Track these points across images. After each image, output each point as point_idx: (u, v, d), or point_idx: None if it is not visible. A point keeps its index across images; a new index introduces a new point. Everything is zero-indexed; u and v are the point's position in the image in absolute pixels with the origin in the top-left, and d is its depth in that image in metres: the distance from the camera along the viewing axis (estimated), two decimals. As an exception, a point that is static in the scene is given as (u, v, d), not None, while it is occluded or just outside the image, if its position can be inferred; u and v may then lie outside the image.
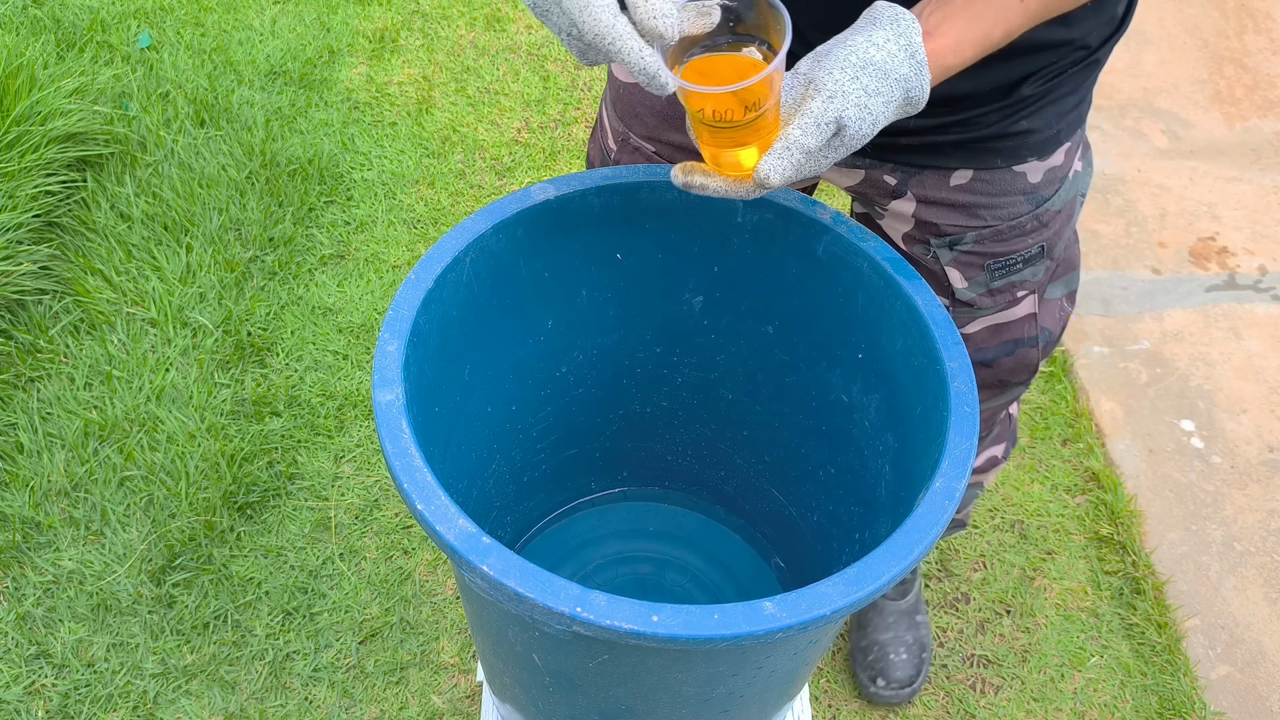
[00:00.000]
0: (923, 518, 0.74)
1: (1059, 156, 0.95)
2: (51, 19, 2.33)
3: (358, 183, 2.10)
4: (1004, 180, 0.94)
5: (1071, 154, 0.97)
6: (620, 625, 0.66)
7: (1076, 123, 0.96)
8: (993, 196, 0.94)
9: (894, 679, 1.43)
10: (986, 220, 0.95)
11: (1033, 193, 0.95)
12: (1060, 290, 1.06)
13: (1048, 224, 0.98)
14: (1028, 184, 0.94)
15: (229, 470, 1.62)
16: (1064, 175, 0.97)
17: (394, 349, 0.82)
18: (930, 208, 0.96)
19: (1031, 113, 0.90)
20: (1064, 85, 0.90)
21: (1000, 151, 0.92)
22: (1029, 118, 0.91)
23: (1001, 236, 0.96)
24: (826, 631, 0.91)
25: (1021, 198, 0.95)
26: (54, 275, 1.87)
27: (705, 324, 1.12)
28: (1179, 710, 1.46)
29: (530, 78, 2.34)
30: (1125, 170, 2.20)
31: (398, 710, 1.44)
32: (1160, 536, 1.64)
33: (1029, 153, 0.93)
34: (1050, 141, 0.94)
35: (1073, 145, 0.97)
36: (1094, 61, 0.91)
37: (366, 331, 1.85)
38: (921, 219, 0.97)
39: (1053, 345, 1.08)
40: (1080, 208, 1.03)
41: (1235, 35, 2.52)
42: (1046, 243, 0.99)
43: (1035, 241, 0.98)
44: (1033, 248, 0.98)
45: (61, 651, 1.47)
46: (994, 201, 0.95)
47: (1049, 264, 1.01)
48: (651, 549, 1.38)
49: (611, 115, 1.09)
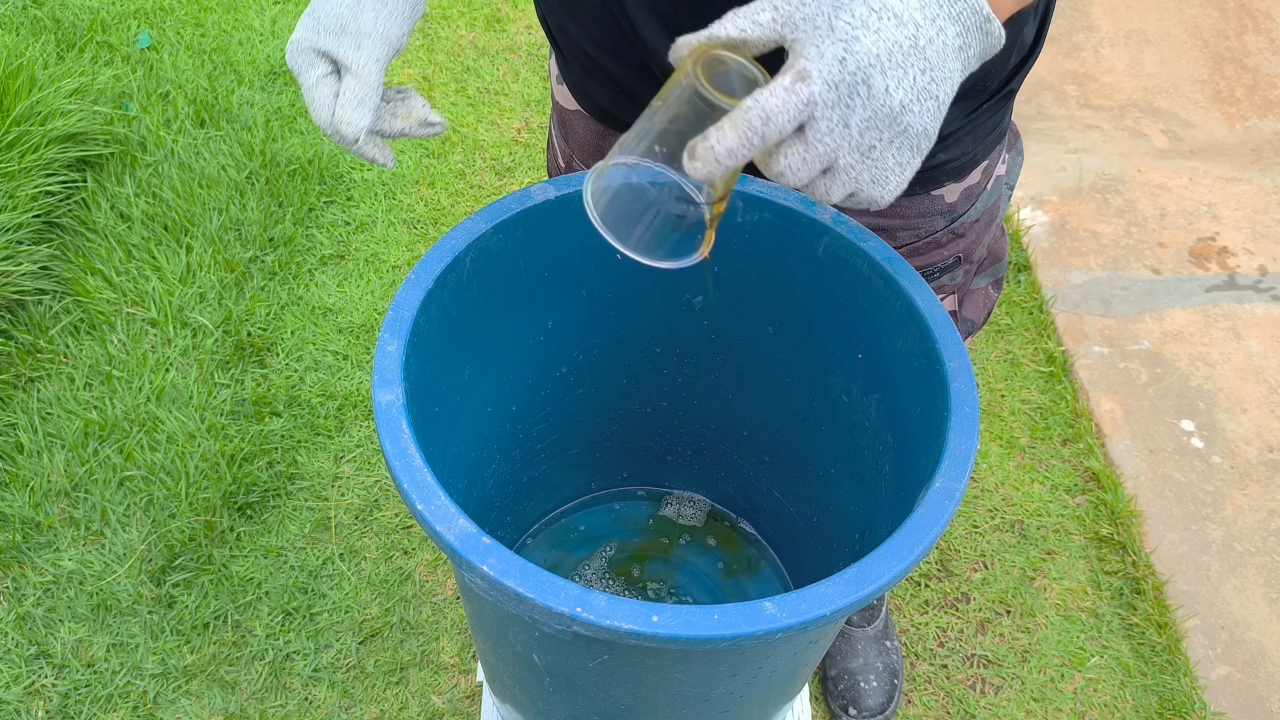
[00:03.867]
0: (923, 518, 0.74)
1: (976, 175, 0.96)
2: (51, 19, 2.33)
3: (358, 183, 2.10)
4: (920, 204, 0.95)
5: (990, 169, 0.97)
6: (620, 625, 0.66)
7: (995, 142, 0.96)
8: (909, 219, 0.95)
9: (865, 707, 1.41)
10: (902, 240, 0.97)
11: (949, 211, 0.96)
12: (986, 280, 1.07)
13: (964, 234, 0.99)
14: (944, 204, 0.95)
15: (229, 470, 1.62)
16: (982, 190, 0.98)
17: (394, 349, 0.82)
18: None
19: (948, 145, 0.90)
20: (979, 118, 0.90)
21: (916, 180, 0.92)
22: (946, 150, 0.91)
23: (918, 252, 0.98)
24: (826, 632, 0.91)
25: (938, 217, 0.96)
26: (54, 275, 1.87)
27: (705, 324, 1.12)
28: (1179, 710, 1.46)
29: (530, 78, 2.34)
30: (1125, 170, 2.20)
31: (398, 710, 1.44)
32: (1160, 536, 1.64)
33: (946, 178, 0.93)
34: (967, 165, 0.94)
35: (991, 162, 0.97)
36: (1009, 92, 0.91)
37: (366, 331, 1.85)
38: None
39: (978, 328, 1.11)
40: (1007, 201, 1.04)
41: (1235, 35, 2.52)
42: (963, 251, 1.00)
43: (951, 253, 0.99)
44: (949, 259, 1.00)
45: (61, 651, 1.47)
46: (910, 223, 0.95)
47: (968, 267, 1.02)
48: (651, 548, 1.38)
49: (558, 136, 1.09)
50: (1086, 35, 2.51)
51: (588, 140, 1.03)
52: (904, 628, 1.53)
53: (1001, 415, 1.78)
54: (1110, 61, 2.45)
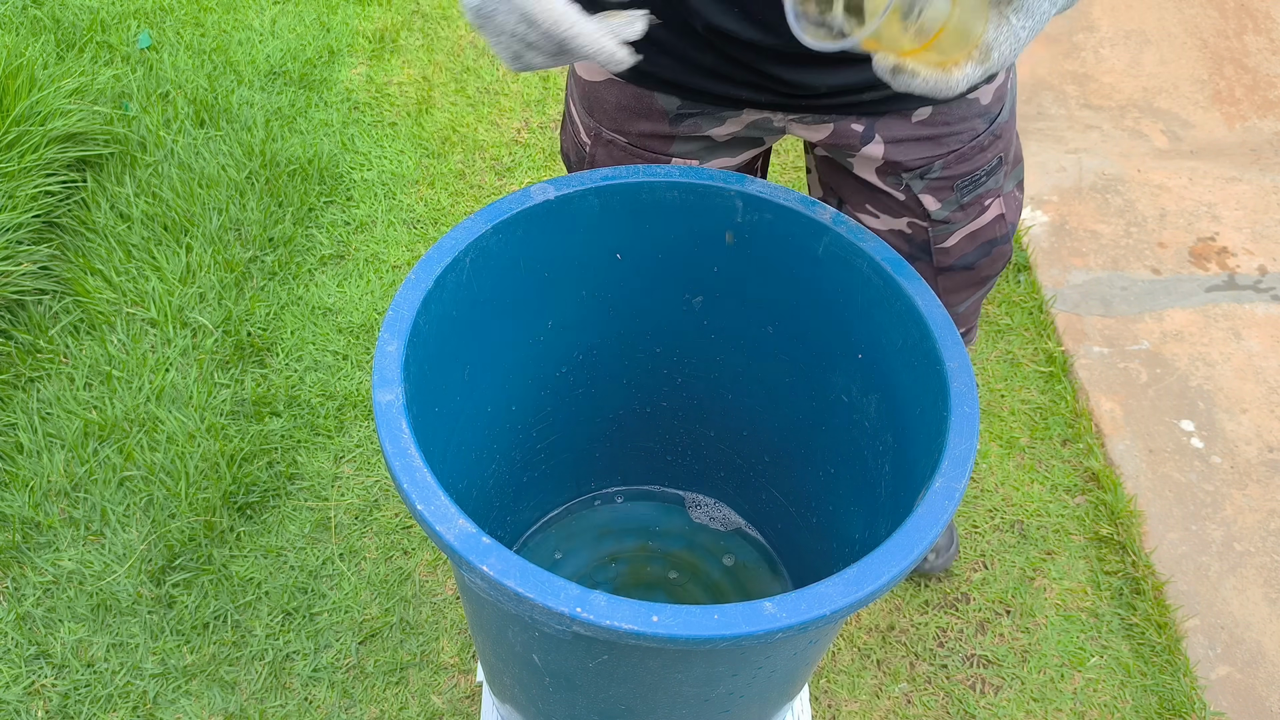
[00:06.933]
0: (923, 518, 0.74)
1: (1002, 75, 1.01)
2: (51, 19, 2.33)
3: (358, 183, 2.10)
4: (961, 108, 0.99)
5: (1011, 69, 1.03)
6: (620, 625, 0.67)
7: None
8: (952, 125, 1.00)
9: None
10: (950, 146, 1.01)
11: (985, 113, 1.01)
12: (1012, 184, 1.11)
13: (1001, 135, 1.04)
14: (981, 107, 1.01)
15: (229, 470, 1.62)
16: (1007, 89, 1.03)
17: (394, 349, 0.82)
18: (897, 146, 1.01)
19: None
20: None
21: None
22: None
23: (965, 158, 1.02)
24: (826, 632, 0.91)
25: (978, 120, 1.01)
26: (54, 275, 1.87)
27: (705, 324, 1.12)
28: (1179, 710, 1.46)
29: (530, 78, 2.34)
30: (1125, 170, 2.20)
31: (398, 710, 1.44)
32: (1160, 537, 1.64)
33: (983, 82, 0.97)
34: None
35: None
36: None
37: (366, 331, 1.85)
38: (890, 158, 1.02)
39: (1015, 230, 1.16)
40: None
41: (1235, 35, 2.52)
42: (1003, 152, 1.05)
43: (994, 154, 1.04)
44: (992, 160, 1.04)
45: (61, 652, 1.47)
46: (954, 129, 1.00)
47: (1006, 168, 1.07)
48: (651, 549, 1.38)
49: (580, 111, 1.10)
50: (1086, 35, 2.51)
51: (622, 104, 1.04)
52: (904, 628, 1.53)
53: (1001, 415, 1.78)
54: (1110, 61, 2.45)
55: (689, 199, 0.98)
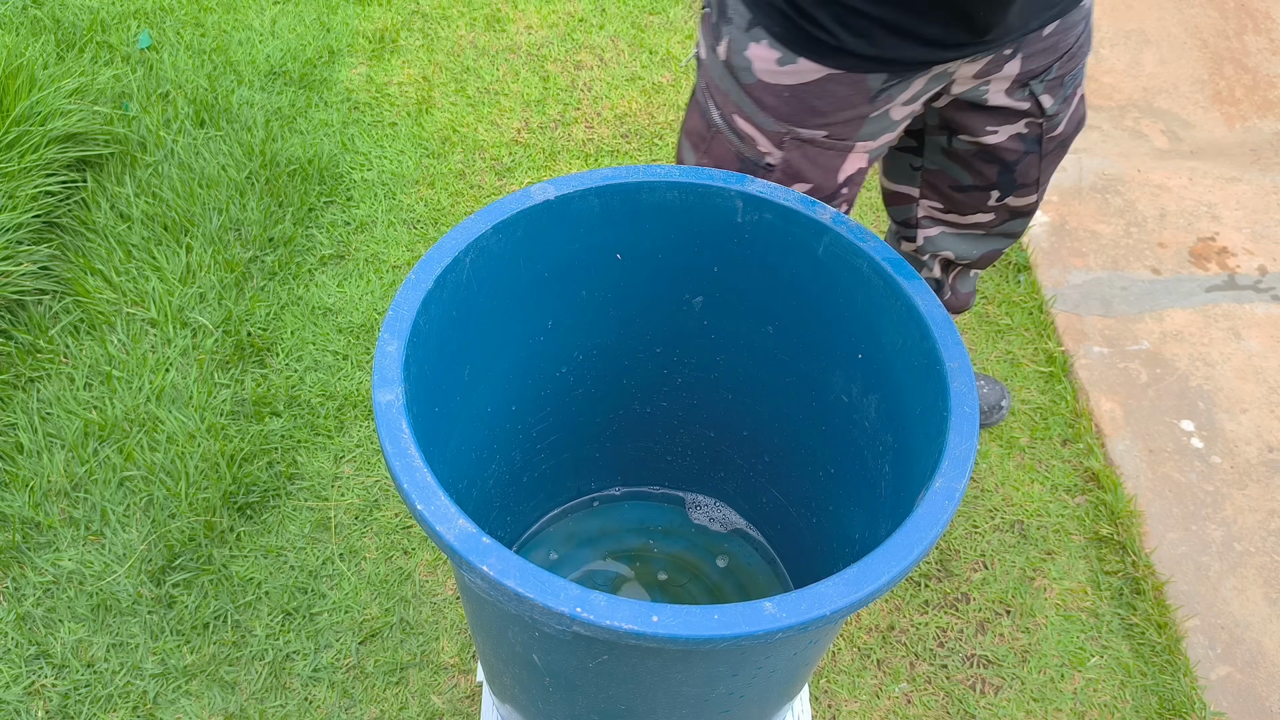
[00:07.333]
0: (923, 518, 0.74)
1: None
2: (51, 19, 2.33)
3: (358, 183, 2.10)
4: (1075, 13, 1.12)
5: None
6: (620, 625, 0.67)
7: None
8: (1066, 31, 1.13)
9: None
10: (1061, 49, 1.14)
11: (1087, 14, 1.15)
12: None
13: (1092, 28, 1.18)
14: (1084, 9, 1.14)
15: (229, 470, 1.62)
16: None
17: (394, 349, 0.82)
18: (1029, 59, 1.13)
19: None
20: None
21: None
22: None
23: (1073, 55, 1.16)
24: (826, 632, 0.91)
25: (1082, 21, 1.15)
26: (54, 275, 1.87)
27: (705, 324, 1.12)
28: (1179, 710, 1.46)
29: (530, 78, 2.34)
30: (1125, 170, 2.20)
31: (398, 710, 1.44)
32: (1160, 537, 1.64)
33: None
34: None
35: None
36: None
37: (366, 331, 1.85)
38: (1022, 71, 1.14)
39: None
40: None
41: (1235, 35, 2.52)
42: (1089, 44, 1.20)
43: (1087, 49, 1.19)
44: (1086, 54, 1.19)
45: (61, 652, 1.47)
46: (1068, 34, 1.13)
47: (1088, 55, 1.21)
48: (651, 549, 1.38)
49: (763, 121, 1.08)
50: (1086, 35, 2.52)
51: (838, 95, 1.07)
52: (904, 628, 1.53)
53: (1001, 415, 1.78)
54: (1110, 61, 2.45)
55: (689, 199, 0.98)
